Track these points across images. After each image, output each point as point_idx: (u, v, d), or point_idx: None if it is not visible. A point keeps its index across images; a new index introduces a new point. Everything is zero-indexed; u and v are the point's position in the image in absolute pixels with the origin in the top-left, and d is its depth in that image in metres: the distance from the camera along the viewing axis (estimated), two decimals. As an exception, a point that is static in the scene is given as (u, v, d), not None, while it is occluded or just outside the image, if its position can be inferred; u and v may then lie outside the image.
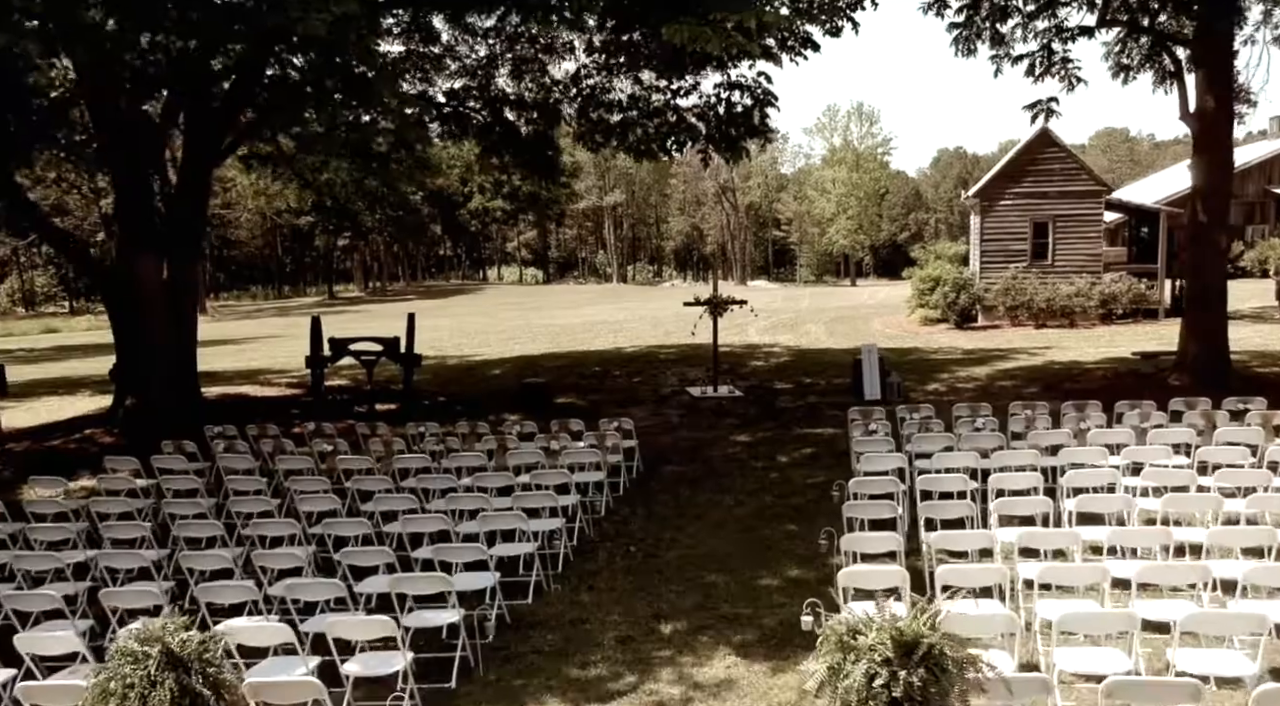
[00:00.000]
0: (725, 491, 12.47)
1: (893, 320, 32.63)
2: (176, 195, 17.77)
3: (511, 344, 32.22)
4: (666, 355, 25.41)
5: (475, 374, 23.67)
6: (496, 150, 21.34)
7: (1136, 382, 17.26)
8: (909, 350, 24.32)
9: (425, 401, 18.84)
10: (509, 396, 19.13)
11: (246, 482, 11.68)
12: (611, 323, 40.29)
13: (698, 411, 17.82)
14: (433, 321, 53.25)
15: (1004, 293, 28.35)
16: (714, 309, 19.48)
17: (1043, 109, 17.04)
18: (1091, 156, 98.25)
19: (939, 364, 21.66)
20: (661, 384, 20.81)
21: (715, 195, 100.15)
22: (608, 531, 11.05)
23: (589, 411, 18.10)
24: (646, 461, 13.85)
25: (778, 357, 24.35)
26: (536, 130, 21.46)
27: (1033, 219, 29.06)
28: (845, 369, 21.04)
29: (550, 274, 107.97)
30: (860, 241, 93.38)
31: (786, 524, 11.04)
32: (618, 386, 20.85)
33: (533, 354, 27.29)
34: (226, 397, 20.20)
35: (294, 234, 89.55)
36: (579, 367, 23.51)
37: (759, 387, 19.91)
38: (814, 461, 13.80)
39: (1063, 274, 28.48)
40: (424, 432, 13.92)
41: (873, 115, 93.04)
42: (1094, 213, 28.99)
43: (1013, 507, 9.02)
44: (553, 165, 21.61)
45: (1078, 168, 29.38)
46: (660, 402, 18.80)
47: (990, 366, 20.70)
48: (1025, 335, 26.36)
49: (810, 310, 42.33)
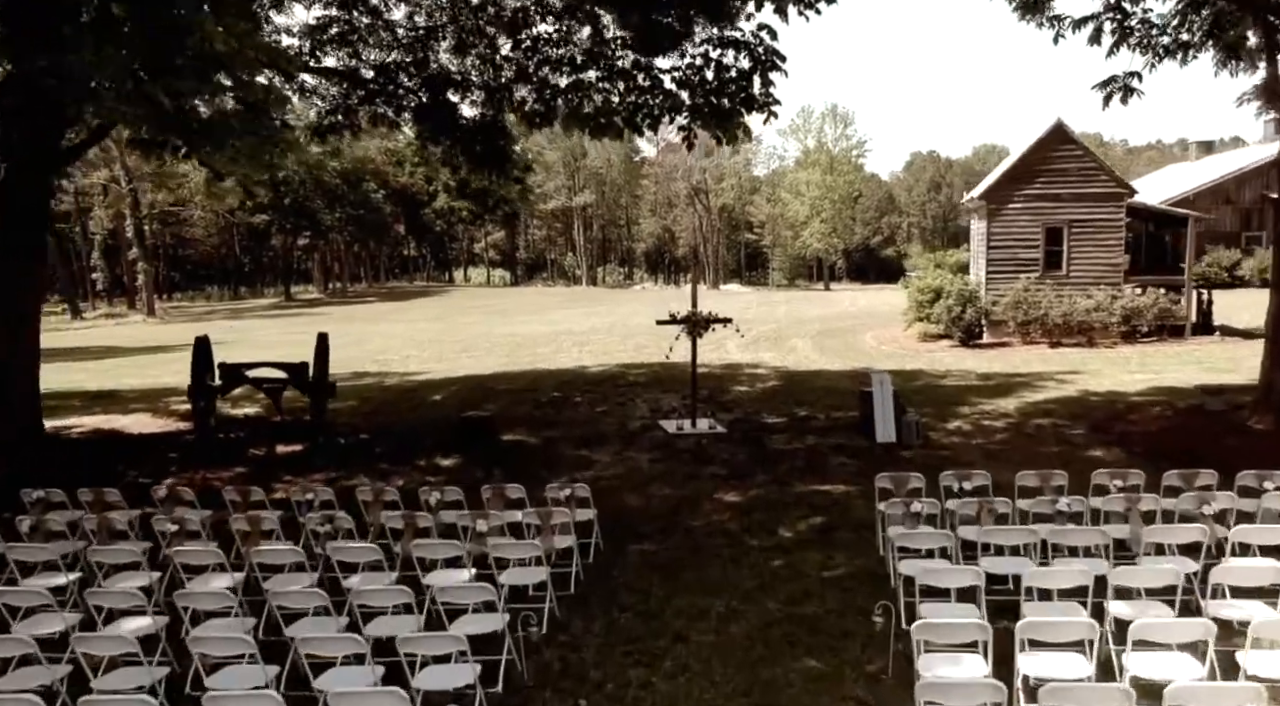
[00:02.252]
0: (713, 591, 9.04)
1: (886, 334, 29.35)
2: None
3: (464, 357, 28.63)
4: (636, 376, 21.96)
5: (413, 399, 20.03)
6: (435, 136, 17.81)
7: (1206, 424, 14.10)
8: (913, 373, 21.03)
9: (341, 440, 15.26)
10: (447, 431, 15.59)
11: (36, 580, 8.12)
12: (577, 333, 36.82)
13: (674, 454, 14.40)
14: (387, 327, 49.55)
15: (1014, 306, 25.11)
16: (693, 328, 16.08)
17: (1119, 88, 13.19)
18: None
19: (954, 393, 18.36)
20: (630, 415, 17.37)
21: (688, 196, 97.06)
22: (548, 668, 7.59)
23: (540, 453, 14.66)
24: (609, 534, 10.42)
25: (764, 381, 20.93)
26: (483, 115, 17.98)
27: (1045, 224, 25.76)
28: (843, 397, 17.74)
29: (518, 276, 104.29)
30: (834, 245, 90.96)
31: (804, 656, 7.63)
32: (578, 418, 17.37)
33: (484, 373, 23.74)
34: (97, 434, 16.39)
35: (251, 232, 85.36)
36: (535, 392, 20.00)
37: (745, 422, 16.53)
38: (827, 538, 10.42)
39: (1079, 285, 25.30)
40: (312, 500, 10.32)
41: (847, 117, 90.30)
42: (1114, 218, 25.79)
43: (1158, 664, 5.73)
44: (502, 156, 18.07)
45: (1096, 167, 26.05)
46: (628, 442, 15.34)
47: (1017, 397, 17.43)
48: (1041, 356, 23.18)
49: (790, 320, 39.10)
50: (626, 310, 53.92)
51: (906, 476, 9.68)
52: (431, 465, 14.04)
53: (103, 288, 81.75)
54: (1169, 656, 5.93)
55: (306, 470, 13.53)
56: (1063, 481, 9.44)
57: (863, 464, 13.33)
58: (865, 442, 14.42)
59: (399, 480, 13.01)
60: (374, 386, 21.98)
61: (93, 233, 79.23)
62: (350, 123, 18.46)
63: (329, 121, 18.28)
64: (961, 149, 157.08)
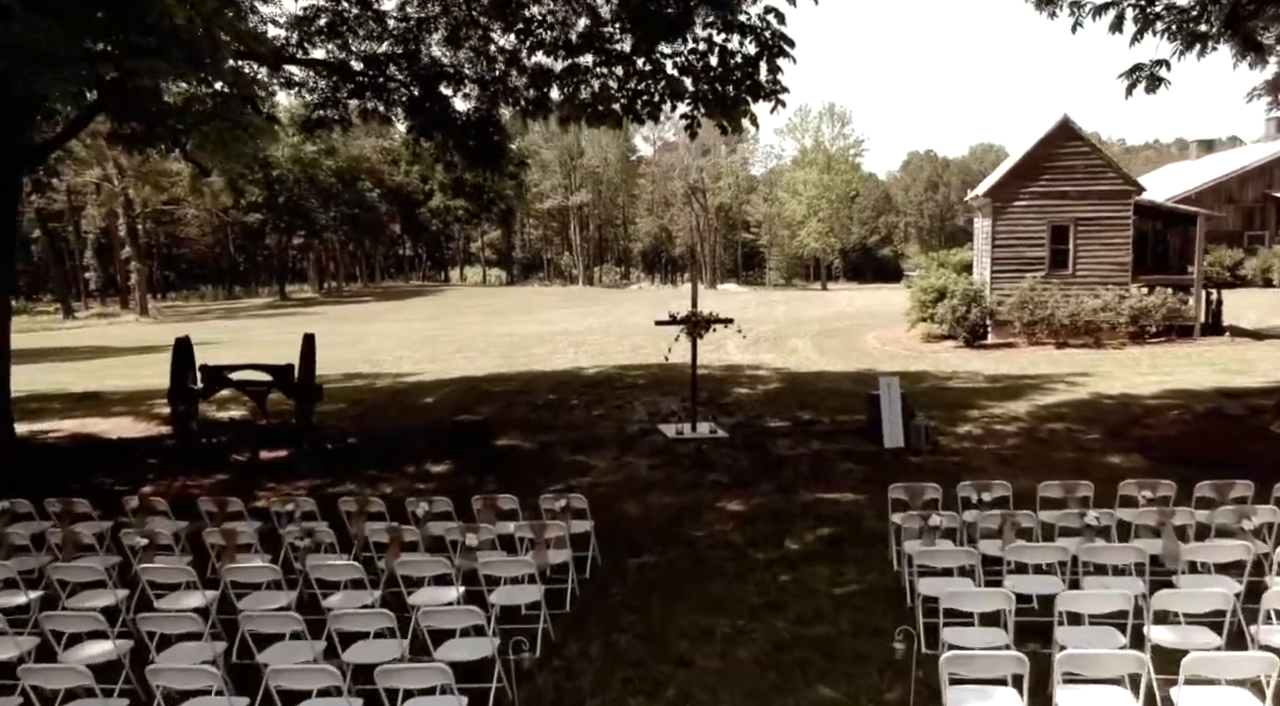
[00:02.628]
0: (719, 609, 8.47)
1: (888, 335, 28.79)
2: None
3: (458, 358, 28.04)
4: (634, 378, 21.38)
5: (404, 402, 19.45)
6: (427, 131, 17.23)
7: (1226, 428, 13.57)
8: (918, 375, 20.46)
9: (328, 445, 14.67)
10: (439, 436, 15.02)
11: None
12: (574, 333, 36.26)
13: (674, 460, 13.83)
14: (382, 327, 48.94)
15: (1020, 306, 24.52)
16: (693, 329, 15.52)
17: (1144, 76, 12.36)
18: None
19: (962, 396, 17.81)
20: (628, 419, 16.80)
21: (684, 196, 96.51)
22: (541, 697, 7.01)
23: (535, 459, 14.10)
24: (606, 546, 9.85)
25: (765, 383, 20.35)
26: (477, 109, 17.41)
27: (1051, 222, 25.17)
28: (847, 400, 17.20)
29: (514, 275, 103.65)
30: (831, 245, 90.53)
31: (818, 683, 7.06)
32: (574, 421, 16.80)
33: (478, 375, 23.16)
34: (74, 439, 15.76)
35: (245, 232, 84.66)
36: (530, 395, 19.42)
37: (747, 426, 15.96)
38: (837, 551, 9.85)
39: (1085, 285, 24.73)
40: (293, 511, 9.72)
41: (844, 116, 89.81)
42: (1121, 216, 25.22)
43: (1213, 702, 5.17)
44: (497, 151, 17.47)
45: (1103, 165, 25.48)
46: (626, 446, 14.78)
47: (1027, 400, 16.86)
48: (1048, 357, 22.62)
49: (790, 320, 38.56)
50: (623, 310, 53.35)
51: (922, 487, 9.11)
52: (422, 471, 13.48)
53: (96, 287, 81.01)
54: (1224, 692, 5.37)
55: (290, 477, 12.94)
56: (1088, 492, 8.88)
57: (871, 470, 12.79)
58: (873, 448, 13.86)
59: (387, 487, 12.45)
60: (365, 388, 21.39)
61: (85, 232, 78.45)
62: (340, 117, 17.91)
63: (318, 115, 17.72)
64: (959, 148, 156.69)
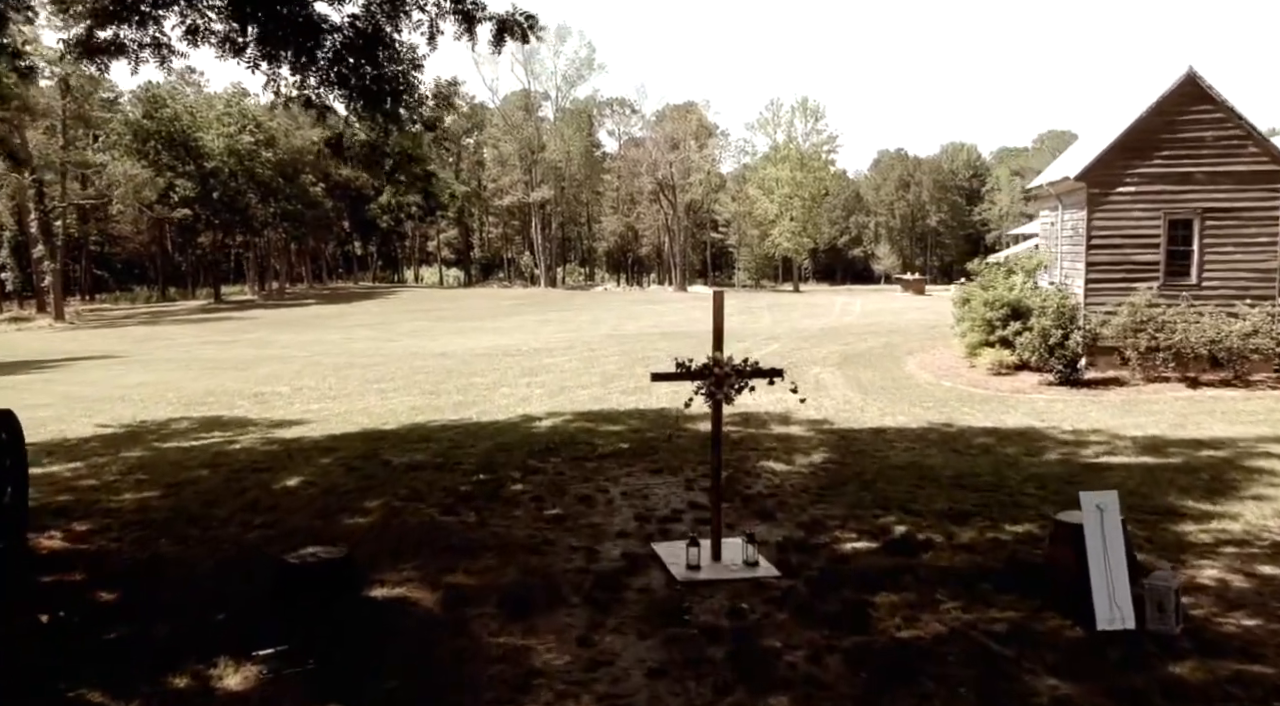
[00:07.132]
0: None
1: (934, 361, 21.92)
2: None
3: (371, 393, 21.02)
4: (608, 437, 14.46)
5: (249, 488, 12.07)
6: (277, 51, 10.30)
7: None
8: (1023, 434, 13.77)
9: (58, 613, 7.61)
10: (262, 582, 7.99)
11: None
12: (527, 352, 29.25)
13: (689, 644, 6.89)
14: (312, 336, 41.71)
15: (1135, 329, 17.98)
16: (715, 388, 8.74)
17: None
18: (1038, 160, 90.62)
19: (1140, 488, 10.79)
20: (602, 530, 9.81)
21: (652, 193, 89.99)
22: None
23: (435, 639, 7.13)
24: None
25: (804, 449, 13.20)
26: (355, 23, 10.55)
27: (1168, 215, 18.73)
28: (939, 483, 10.52)
29: (473, 275, 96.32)
30: (803, 244, 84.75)
31: None
32: (513, 537, 9.69)
33: (386, 428, 16.12)
34: None
35: (181, 229, 76.57)
36: (449, 470, 12.36)
37: (805, 548, 9.08)
38: None
39: (1218, 299, 18.26)
40: None
41: (818, 111, 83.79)
42: (1266, 206, 18.75)
43: None
44: (391, 86, 10.58)
45: (1243, 135, 18.57)
46: (600, 603, 7.82)
47: (1254, 497, 10.23)
48: (1193, 402, 15.98)
49: (791, 336, 31.93)
50: (587, 319, 46.60)
51: None
52: (204, 679, 6.52)
53: (12, 288, 72.59)
54: None
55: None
56: None
57: (1088, 690, 6.13)
58: (1065, 622, 7.18)
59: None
60: (211, 452, 14.27)
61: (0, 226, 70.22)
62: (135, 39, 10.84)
63: (96, 39, 10.69)
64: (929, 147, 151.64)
